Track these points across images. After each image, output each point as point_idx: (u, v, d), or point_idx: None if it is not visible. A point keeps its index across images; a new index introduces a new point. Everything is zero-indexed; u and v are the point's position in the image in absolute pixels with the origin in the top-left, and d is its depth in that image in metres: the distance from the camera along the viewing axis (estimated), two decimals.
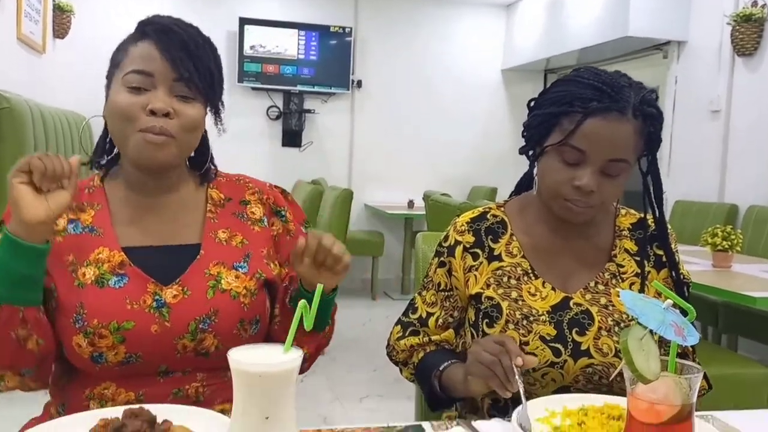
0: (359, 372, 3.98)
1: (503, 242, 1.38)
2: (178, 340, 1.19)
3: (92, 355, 1.15)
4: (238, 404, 0.80)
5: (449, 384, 1.30)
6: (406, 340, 1.42)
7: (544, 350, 1.27)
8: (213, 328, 1.20)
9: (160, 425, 1.06)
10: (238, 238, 1.30)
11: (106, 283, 1.18)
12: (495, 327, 1.31)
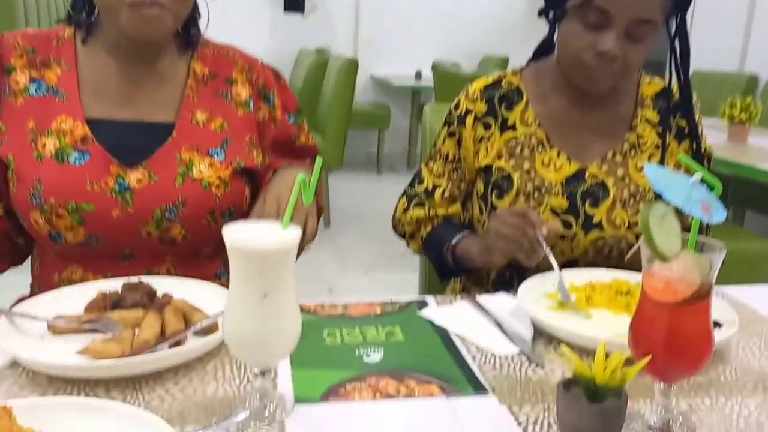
0: (365, 245, 4.02)
1: (518, 110, 1.31)
2: (142, 227, 1.13)
3: (50, 233, 1.11)
4: (235, 282, 0.77)
5: (464, 256, 1.26)
6: (411, 212, 1.39)
7: (555, 222, 1.23)
8: (180, 218, 1.14)
9: (160, 299, 1.04)
10: (218, 121, 1.19)
11: (66, 158, 1.10)
12: (504, 199, 1.27)
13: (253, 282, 0.76)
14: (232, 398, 0.83)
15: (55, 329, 0.96)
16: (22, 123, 1.12)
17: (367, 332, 1.01)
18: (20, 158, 1.10)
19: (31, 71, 1.14)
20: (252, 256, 0.75)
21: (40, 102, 1.13)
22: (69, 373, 0.84)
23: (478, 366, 0.92)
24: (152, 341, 0.91)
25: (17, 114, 1.12)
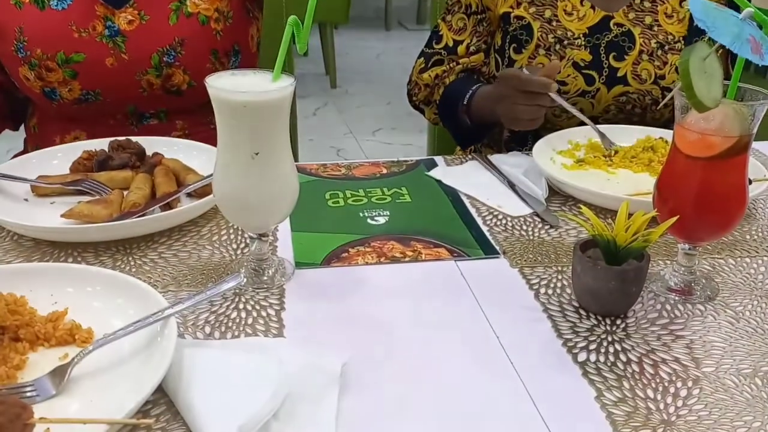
0: (372, 105, 3.90)
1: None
2: (141, 76, 1.04)
3: (44, 90, 1.03)
4: (222, 140, 0.70)
5: (479, 114, 1.17)
6: (429, 71, 1.27)
7: (576, 78, 1.13)
8: (180, 61, 1.05)
9: (150, 158, 0.98)
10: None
11: (47, 3, 1.00)
12: (523, 53, 1.16)
13: (242, 140, 0.68)
14: (228, 263, 0.78)
15: (39, 190, 0.90)
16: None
17: (372, 194, 0.95)
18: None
19: None
20: (239, 109, 0.67)
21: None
22: (54, 236, 0.79)
23: (488, 228, 0.86)
24: (142, 203, 0.85)
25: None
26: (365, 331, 0.67)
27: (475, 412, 0.56)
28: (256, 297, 0.72)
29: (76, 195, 0.90)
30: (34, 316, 0.63)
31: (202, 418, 0.52)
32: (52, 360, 0.60)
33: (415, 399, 0.58)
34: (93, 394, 0.56)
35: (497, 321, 0.68)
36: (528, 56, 1.15)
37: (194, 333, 0.66)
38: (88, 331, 0.63)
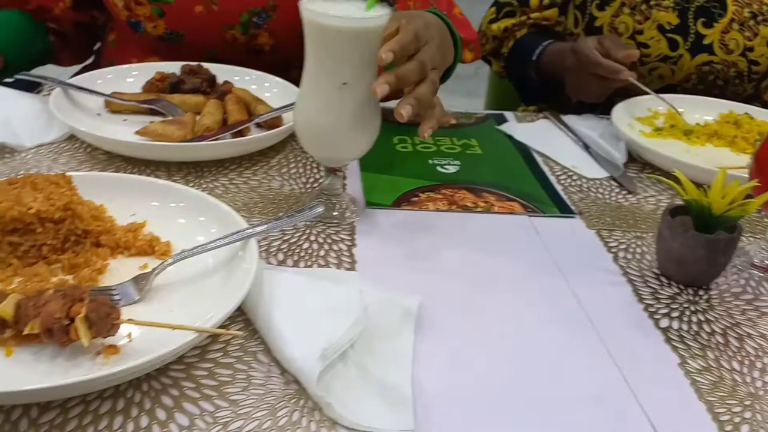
0: None
1: None
2: (226, 30, 1.02)
3: (129, 20, 1.01)
4: (310, 67, 0.68)
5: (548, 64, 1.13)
6: (499, 23, 1.24)
7: (660, 41, 1.09)
8: (269, 24, 1.02)
9: (221, 85, 0.97)
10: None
11: None
12: (606, 10, 1.11)
13: (331, 68, 0.67)
14: (298, 195, 0.78)
15: (113, 106, 0.90)
16: None
17: (440, 142, 0.94)
18: None
19: None
20: (332, 35, 0.65)
21: None
22: (130, 151, 0.79)
23: (563, 188, 0.84)
24: (215, 128, 0.84)
25: None
26: (438, 275, 0.66)
27: (553, 361, 0.55)
28: (327, 231, 0.71)
29: (147, 114, 0.90)
30: (114, 224, 0.63)
31: (285, 339, 0.51)
32: (132, 269, 0.60)
33: (490, 342, 0.57)
34: (173, 305, 0.56)
35: (574, 279, 0.66)
36: (611, 14, 1.11)
37: (267, 259, 0.66)
38: (167, 244, 0.62)
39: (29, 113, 0.86)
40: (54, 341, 0.49)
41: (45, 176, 0.61)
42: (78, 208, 0.60)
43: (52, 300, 0.49)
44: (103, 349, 0.50)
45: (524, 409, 0.51)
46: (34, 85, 0.95)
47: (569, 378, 0.54)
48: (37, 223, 0.57)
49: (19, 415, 0.46)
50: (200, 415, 0.48)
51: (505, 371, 0.54)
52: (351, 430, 0.47)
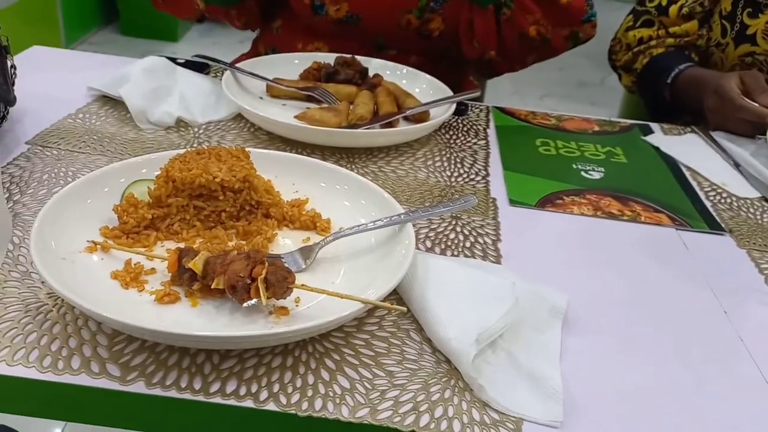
0: (542, 68, 3.77)
1: None
2: (404, 14, 1.06)
3: (314, 2, 1.07)
4: None
5: (682, 91, 1.12)
6: (636, 31, 1.22)
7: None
8: (444, 9, 1.06)
9: (371, 78, 1.01)
10: None
11: None
12: (760, 18, 1.07)
13: None
14: (443, 187, 0.80)
15: (274, 91, 0.97)
16: None
17: (584, 148, 0.94)
18: None
19: None
20: None
21: None
22: (291, 133, 0.85)
23: (712, 204, 0.82)
24: (368, 117, 0.89)
25: None
26: (584, 277, 0.67)
27: (699, 371, 0.55)
28: (472, 224, 0.73)
29: (304, 101, 0.96)
30: (281, 199, 0.69)
31: (440, 320, 0.54)
32: (296, 241, 0.65)
33: (636, 347, 0.57)
34: (334, 278, 0.60)
35: (724, 296, 0.65)
36: (765, 21, 1.06)
37: (416, 245, 0.69)
38: (327, 221, 0.67)
39: (201, 91, 0.94)
40: (235, 297, 0.54)
41: (228, 149, 0.67)
42: (254, 181, 0.65)
43: (237, 260, 0.54)
44: (274, 309, 0.55)
45: (668, 415, 0.51)
46: (204, 66, 1.04)
47: (715, 391, 0.54)
48: (219, 191, 0.63)
49: (203, 359, 0.52)
50: (360, 380, 0.51)
51: (650, 376, 0.55)
52: (501, 414, 0.49)
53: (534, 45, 1.06)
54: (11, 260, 0.60)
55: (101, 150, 0.80)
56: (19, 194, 0.70)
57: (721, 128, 1.00)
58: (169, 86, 0.92)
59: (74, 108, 0.90)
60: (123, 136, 0.84)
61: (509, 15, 1.03)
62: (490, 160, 0.88)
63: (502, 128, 0.98)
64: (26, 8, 3.00)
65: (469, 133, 0.95)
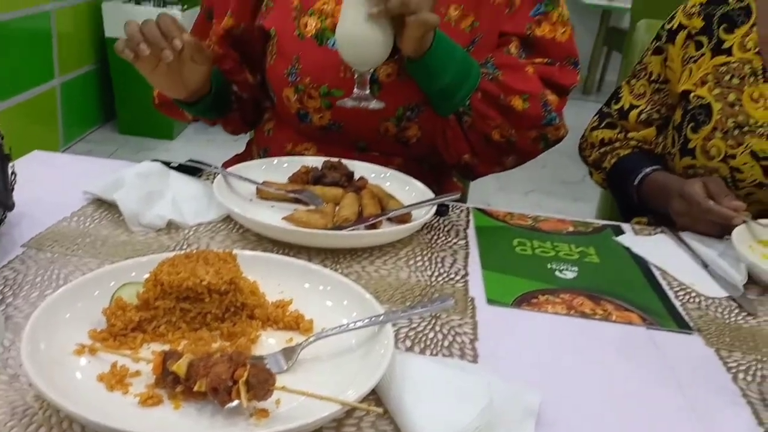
0: (526, 166, 3.87)
1: (739, 33, 1.17)
2: (382, 122, 1.12)
3: (299, 111, 1.14)
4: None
5: (648, 195, 1.18)
6: (599, 131, 1.30)
7: (753, 168, 1.10)
8: (420, 118, 1.12)
9: (357, 181, 1.06)
10: (469, 19, 1.11)
11: (325, 41, 1.10)
12: (699, 133, 1.14)
13: None
14: (424, 287, 0.84)
15: (263, 194, 1.01)
16: (287, 0, 1.13)
17: (559, 248, 0.98)
18: (283, 34, 1.12)
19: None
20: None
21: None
22: (278, 235, 0.88)
23: (681, 303, 0.86)
24: (353, 219, 0.93)
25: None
26: (557, 378, 0.69)
27: None
28: (451, 323, 0.76)
29: (292, 203, 1.00)
30: (265, 300, 0.71)
31: (416, 422, 0.56)
32: (280, 341, 0.67)
33: None
34: (315, 378, 0.62)
35: (692, 395, 0.67)
36: (704, 137, 1.14)
37: (395, 344, 0.71)
38: (310, 321, 0.69)
39: (193, 195, 0.98)
40: (217, 399, 0.56)
41: (215, 253, 0.70)
42: (240, 283, 0.68)
43: (220, 363, 0.56)
44: (255, 411, 0.57)
45: None
46: (196, 170, 1.09)
47: None
48: (206, 293, 0.66)
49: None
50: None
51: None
52: None
53: (503, 148, 1.12)
54: (0, 363, 0.61)
55: (93, 252, 0.84)
56: (12, 297, 0.72)
57: (689, 230, 1.05)
58: (161, 190, 0.97)
59: (69, 211, 0.94)
60: (115, 239, 0.88)
61: (470, 122, 1.09)
62: (469, 260, 0.92)
63: (481, 228, 1.02)
64: (28, 107, 3.11)
65: (449, 233, 1.00)
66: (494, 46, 1.12)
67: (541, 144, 1.14)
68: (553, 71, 1.12)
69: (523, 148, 1.13)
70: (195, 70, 1.04)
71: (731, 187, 1.12)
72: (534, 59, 1.13)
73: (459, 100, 1.07)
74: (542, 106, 1.09)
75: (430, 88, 1.07)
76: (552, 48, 1.13)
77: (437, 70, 1.03)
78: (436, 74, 1.03)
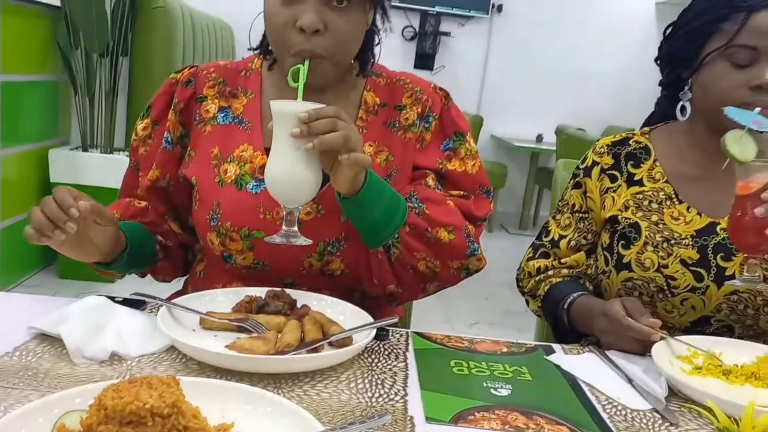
0: (472, 298, 4.00)
1: (645, 167, 1.32)
2: (305, 258, 1.17)
3: (223, 254, 1.18)
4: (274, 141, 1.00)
5: (576, 318, 1.26)
6: (535, 261, 1.40)
7: (685, 274, 1.20)
8: (342, 252, 1.17)
9: (299, 309, 1.10)
10: (384, 154, 1.20)
11: (244, 186, 1.16)
12: (632, 248, 1.25)
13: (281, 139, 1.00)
14: (364, 408, 0.86)
15: (207, 323, 1.04)
16: (207, 149, 1.21)
17: (494, 368, 1.02)
18: (203, 182, 1.19)
19: (220, 101, 1.24)
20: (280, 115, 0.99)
21: (226, 130, 1.22)
22: (221, 362, 0.91)
23: (608, 416, 0.90)
24: (295, 345, 0.96)
25: (205, 140, 1.22)
26: None
27: None
28: None
29: (235, 332, 1.03)
30: (207, 424, 0.73)
31: None
32: None
33: None
34: None
35: None
36: (637, 251, 1.24)
37: None
38: None
39: (137, 327, 1.00)
40: None
41: (159, 378, 0.72)
42: (183, 407, 0.70)
43: None
44: None
45: None
46: (141, 303, 1.11)
47: None
48: (149, 416, 0.67)
49: None
50: None
51: None
52: None
53: (427, 277, 1.18)
54: None
55: (35, 385, 0.84)
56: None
57: (613, 347, 1.12)
58: (106, 323, 0.98)
59: (11, 347, 0.94)
60: (57, 372, 0.88)
61: (398, 254, 1.14)
62: (408, 381, 0.95)
63: (420, 351, 1.06)
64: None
65: (389, 356, 1.03)
66: (409, 178, 1.21)
67: (463, 273, 1.21)
68: (468, 204, 1.23)
69: (446, 277, 1.20)
70: (101, 232, 1.07)
71: (668, 294, 1.21)
72: (450, 192, 1.23)
73: (388, 234, 1.13)
74: (466, 237, 1.18)
75: (361, 223, 1.12)
76: (465, 180, 1.23)
77: (369, 206, 1.08)
78: (367, 210, 1.08)
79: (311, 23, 1.06)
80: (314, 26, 1.07)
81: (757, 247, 1.07)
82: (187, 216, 1.28)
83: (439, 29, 6.13)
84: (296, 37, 1.08)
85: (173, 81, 1.26)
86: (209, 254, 1.23)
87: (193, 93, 1.24)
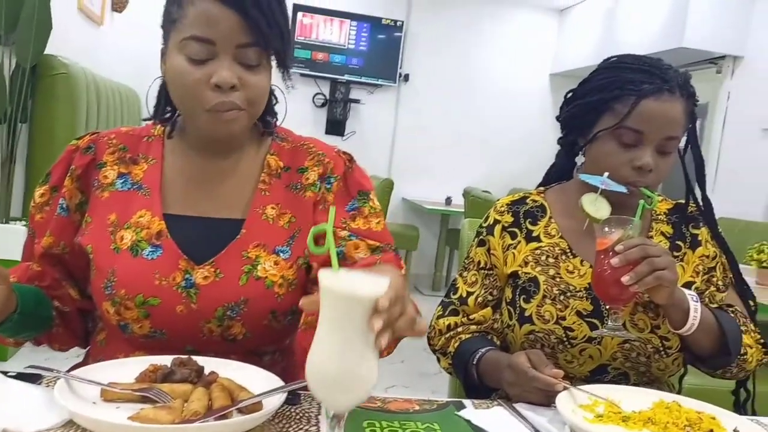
0: (386, 362, 3.95)
1: (542, 224, 1.41)
2: (204, 324, 1.15)
3: (119, 323, 1.15)
4: (323, 324, 0.80)
5: (485, 373, 1.30)
6: (445, 319, 1.43)
7: (581, 325, 1.28)
8: (241, 316, 1.15)
9: (207, 376, 1.07)
10: (287, 216, 1.21)
11: (140, 252, 1.15)
12: (532, 302, 1.32)
13: (340, 325, 0.79)
14: None
15: (108, 394, 0.99)
16: (105, 215, 1.18)
17: (406, 426, 1.03)
18: (99, 249, 1.16)
19: (120, 167, 1.22)
20: (346, 299, 0.79)
21: (124, 196, 1.20)
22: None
23: None
24: (202, 412, 0.93)
25: (102, 206, 1.20)
26: None
27: None
28: None
29: (139, 402, 0.99)
30: None
31: None
32: None
33: None
34: None
35: None
36: (536, 304, 1.31)
37: None
38: None
39: (31, 401, 0.95)
40: None
41: None
42: None
43: None
44: None
45: None
46: (37, 377, 1.05)
47: None
48: None
49: None
50: None
51: None
52: None
53: None
54: None
55: None
56: None
57: (521, 399, 1.15)
58: None
59: None
60: None
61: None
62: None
63: None
64: None
65: (301, 420, 1.02)
66: None
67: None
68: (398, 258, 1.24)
69: None
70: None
71: (567, 345, 1.27)
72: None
73: None
74: None
75: None
76: (370, 238, 1.24)
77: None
78: None
79: (228, 79, 1.09)
80: (231, 82, 1.09)
81: (618, 297, 1.16)
82: (85, 284, 1.24)
83: (349, 96, 6.30)
84: (210, 94, 1.10)
85: (73, 148, 1.24)
86: (107, 324, 1.19)
87: (92, 159, 1.23)
